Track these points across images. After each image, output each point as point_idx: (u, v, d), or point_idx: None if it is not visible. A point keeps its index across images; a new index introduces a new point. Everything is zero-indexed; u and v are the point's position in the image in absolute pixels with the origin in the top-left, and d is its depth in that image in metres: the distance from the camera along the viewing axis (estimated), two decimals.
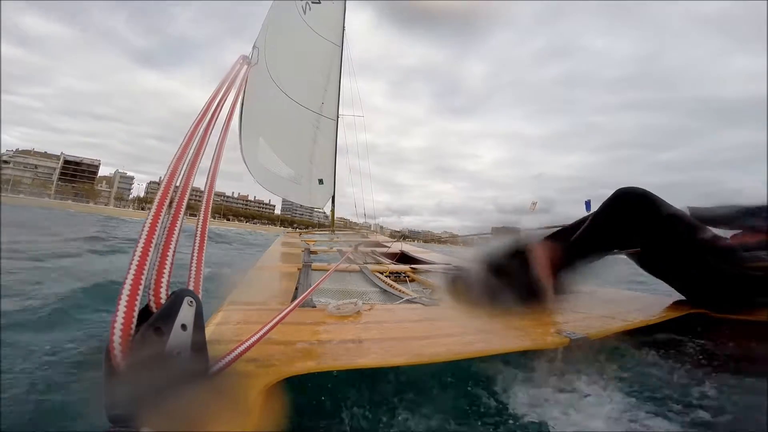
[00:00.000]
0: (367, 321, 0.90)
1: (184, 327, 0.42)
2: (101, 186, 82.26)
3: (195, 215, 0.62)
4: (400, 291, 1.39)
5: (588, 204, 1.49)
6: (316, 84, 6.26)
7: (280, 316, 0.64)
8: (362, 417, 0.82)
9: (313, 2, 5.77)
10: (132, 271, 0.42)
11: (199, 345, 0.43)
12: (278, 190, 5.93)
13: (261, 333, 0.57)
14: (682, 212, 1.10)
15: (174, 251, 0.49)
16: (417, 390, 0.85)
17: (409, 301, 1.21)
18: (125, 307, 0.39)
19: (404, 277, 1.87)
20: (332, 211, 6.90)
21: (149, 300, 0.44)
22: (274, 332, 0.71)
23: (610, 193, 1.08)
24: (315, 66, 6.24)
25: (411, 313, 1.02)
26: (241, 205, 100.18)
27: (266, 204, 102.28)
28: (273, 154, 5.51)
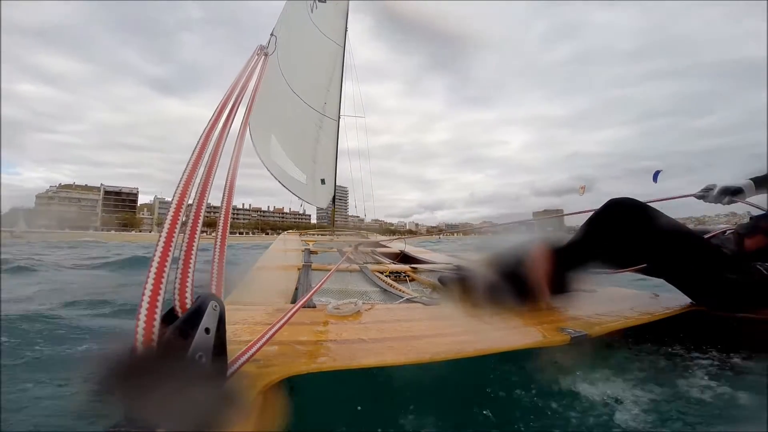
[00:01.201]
0: (368, 321, 0.90)
1: (207, 330, 0.42)
2: (143, 213, 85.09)
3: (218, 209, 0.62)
4: (400, 291, 1.39)
5: (656, 175, 1.44)
6: (319, 83, 6.27)
7: (288, 316, 0.64)
8: (363, 417, 0.81)
9: (319, 1, 5.77)
10: (153, 271, 0.42)
11: (220, 349, 0.44)
12: (291, 187, 5.94)
13: (270, 334, 0.57)
14: (676, 222, 1.08)
15: (196, 255, 0.50)
16: (417, 390, 0.85)
17: (409, 301, 1.20)
18: (147, 307, 0.39)
19: (404, 276, 1.87)
20: (332, 211, 6.91)
21: (174, 304, 0.45)
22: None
23: (651, 166, 1.03)
24: (319, 65, 6.25)
25: (411, 313, 1.02)
26: (277, 219, 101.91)
27: (302, 215, 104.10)
28: (282, 151, 5.53)
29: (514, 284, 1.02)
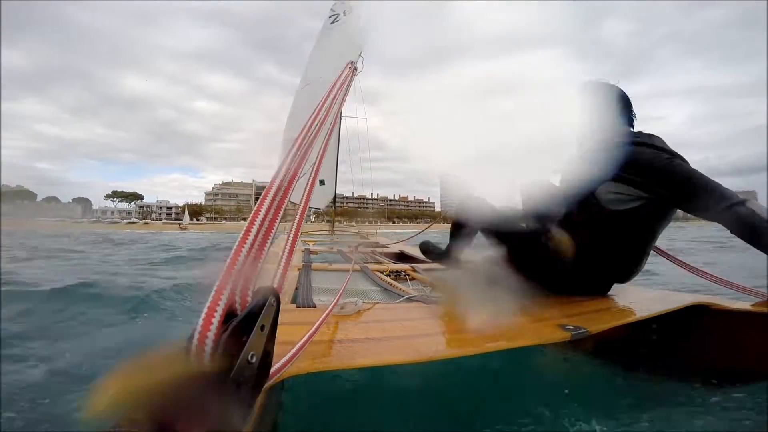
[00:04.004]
0: (368, 320, 0.89)
1: (262, 328, 0.39)
2: (289, 207, 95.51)
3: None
4: (400, 290, 1.38)
5: None
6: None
7: (320, 321, 0.68)
8: (362, 416, 0.81)
9: (333, 22, 5.66)
10: (229, 269, 0.39)
11: (270, 348, 0.41)
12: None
13: (307, 336, 0.58)
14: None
15: (267, 250, 0.47)
16: (417, 389, 0.85)
17: (409, 300, 1.20)
18: (219, 307, 0.36)
19: (404, 275, 1.86)
20: (332, 212, 6.90)
21: (235, 299, 0.40)
22: None
23: None
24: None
25: (412, 312, 1.01)
26: (402, 207, 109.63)
27: (425, 202, 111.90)
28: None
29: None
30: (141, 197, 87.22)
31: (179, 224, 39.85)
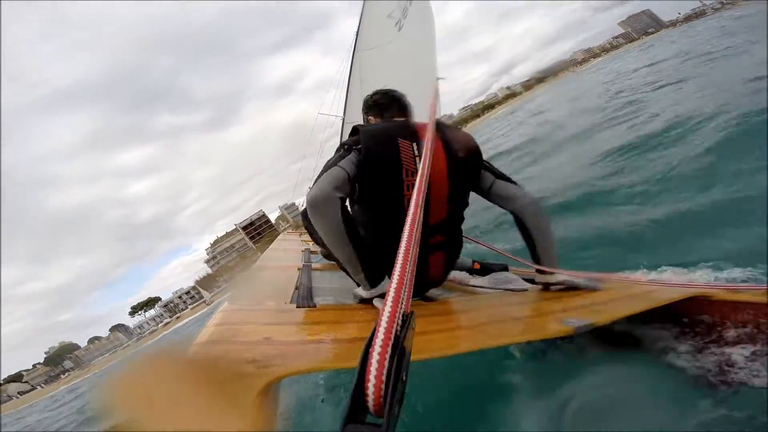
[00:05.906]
0: (367, 319, 0.89)
1: (403, 350, 0.40)
2: (282, 226, 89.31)
3: None
4: None
5: None
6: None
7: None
8: None
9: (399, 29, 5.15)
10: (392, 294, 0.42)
11: (408, 364, 0.41)
12: None
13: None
14: None
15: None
16: (416, 387, 0.84)
17: None
18: (391, 342, 0.37)
19: None
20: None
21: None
22: (273, 332, 0.71)
23: None
24: None
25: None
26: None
27: None
28: None
29: None
30: (158, 299, 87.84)
31: (205, 302, 40.31)
